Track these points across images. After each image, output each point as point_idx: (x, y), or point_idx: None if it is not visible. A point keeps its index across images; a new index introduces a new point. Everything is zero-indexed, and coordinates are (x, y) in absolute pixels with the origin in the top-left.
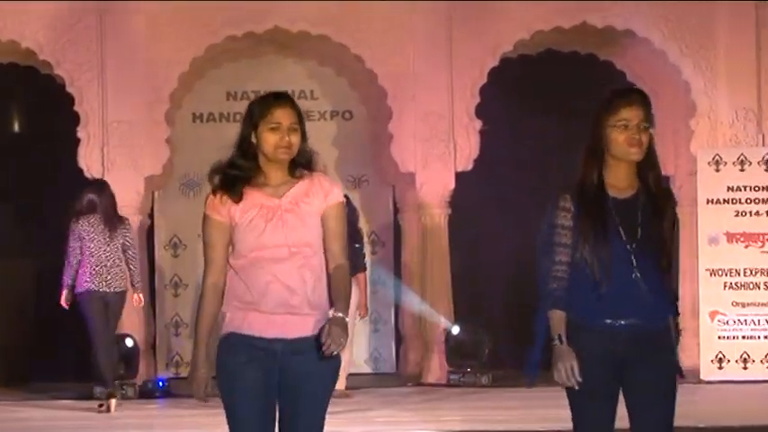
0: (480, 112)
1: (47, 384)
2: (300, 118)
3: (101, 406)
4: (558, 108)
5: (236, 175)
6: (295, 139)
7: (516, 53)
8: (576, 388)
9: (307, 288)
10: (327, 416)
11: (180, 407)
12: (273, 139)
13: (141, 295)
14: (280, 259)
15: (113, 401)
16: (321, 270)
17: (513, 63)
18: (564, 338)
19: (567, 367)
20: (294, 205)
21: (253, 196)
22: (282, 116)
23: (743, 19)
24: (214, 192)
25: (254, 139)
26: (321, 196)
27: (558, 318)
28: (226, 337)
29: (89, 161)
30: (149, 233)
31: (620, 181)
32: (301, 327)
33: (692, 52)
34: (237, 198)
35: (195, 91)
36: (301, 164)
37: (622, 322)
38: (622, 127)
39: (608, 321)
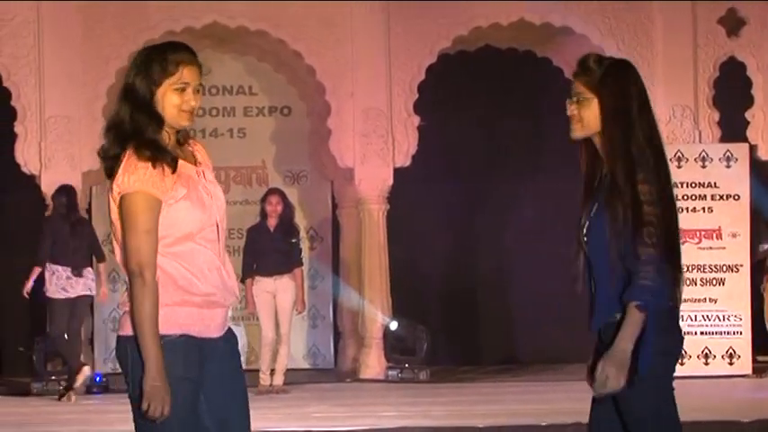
0: (419, 108)
1: None
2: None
3: None
4: (496, 104)
5: (157, 141)
6: (198, 102)
7: (455, 49)
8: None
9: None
10: (266, 411)
11: (117, 402)
12: (178, 102)
13: None
14: (215, 240)
15: None
16: None
17: (451, 59)
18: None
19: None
20: (211, 175)
21: (180, 166)
22: (191, 75)
23: (680, 16)
24: (153, 163)
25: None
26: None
27: None
28: (176, 341)
29: (26, 156)
30: None
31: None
32: (226, 320)
33: (630, 49)
34: (175, 168)
35: None
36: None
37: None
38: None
39: None
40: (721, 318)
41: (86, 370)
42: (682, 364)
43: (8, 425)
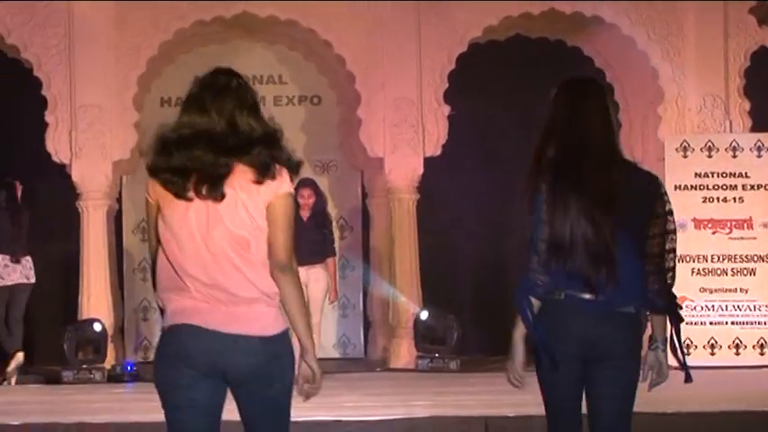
0: (449, 97)
1: None
2: None
3: None
4: (526, 94)
5: None
6: None
7: (485, 39)
8: None
9: None
10: (296, 401)
11: (149, 391)
12: None
13: None
14: None
15: None
16: None
17: (481, 49)
18: None
19: None
20: None
21: None
22: None
23: (711, 6)
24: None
25: None
26: None
27: None
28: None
29: (57, 145)
30: (117, 218)
31: None
32: None
33: (661, 38)
34: None
35: (164, 76)
36: None
37: None
38: None
39: None
40: (752, 308)
41: (20, 356)
42: (713, 354)
43: (39, 413)
